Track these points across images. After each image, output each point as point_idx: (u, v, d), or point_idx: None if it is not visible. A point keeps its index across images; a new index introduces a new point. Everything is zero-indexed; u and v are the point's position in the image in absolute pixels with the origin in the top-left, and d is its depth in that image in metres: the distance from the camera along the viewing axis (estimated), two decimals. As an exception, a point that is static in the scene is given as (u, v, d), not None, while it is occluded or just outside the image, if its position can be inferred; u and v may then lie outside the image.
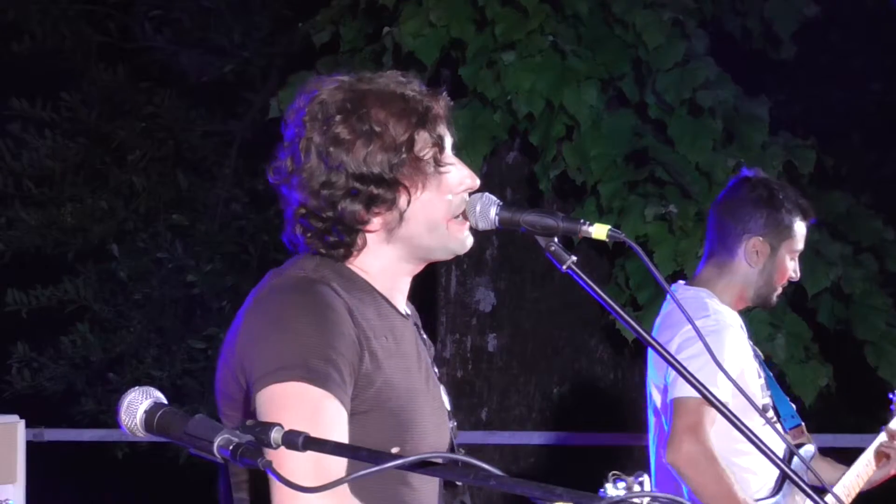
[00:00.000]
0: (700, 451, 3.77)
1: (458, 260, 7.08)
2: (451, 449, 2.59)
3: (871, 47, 8.54)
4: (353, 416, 2.39)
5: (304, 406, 2.32)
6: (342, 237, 2.50)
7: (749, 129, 6.48)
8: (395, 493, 2.46)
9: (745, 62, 7.06)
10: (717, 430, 3.85)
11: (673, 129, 6.38)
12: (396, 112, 2.50)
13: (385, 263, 2.54)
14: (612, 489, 1.81)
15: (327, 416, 2.33)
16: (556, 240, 2.42)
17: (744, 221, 4.06)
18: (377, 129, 2.48)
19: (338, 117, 2.48)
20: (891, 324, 6.54)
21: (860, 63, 8.80)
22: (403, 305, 2.60)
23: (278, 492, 2.29)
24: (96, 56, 9.87)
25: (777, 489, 4.01)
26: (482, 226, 2.52)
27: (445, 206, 2.52)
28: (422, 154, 2.50)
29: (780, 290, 4.11)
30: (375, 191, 2.48)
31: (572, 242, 5.54)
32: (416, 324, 2.64)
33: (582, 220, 2.41)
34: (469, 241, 2.56)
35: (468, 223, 2.53)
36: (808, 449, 4.17)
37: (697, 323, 3.82)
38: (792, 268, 4.10)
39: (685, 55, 6.38)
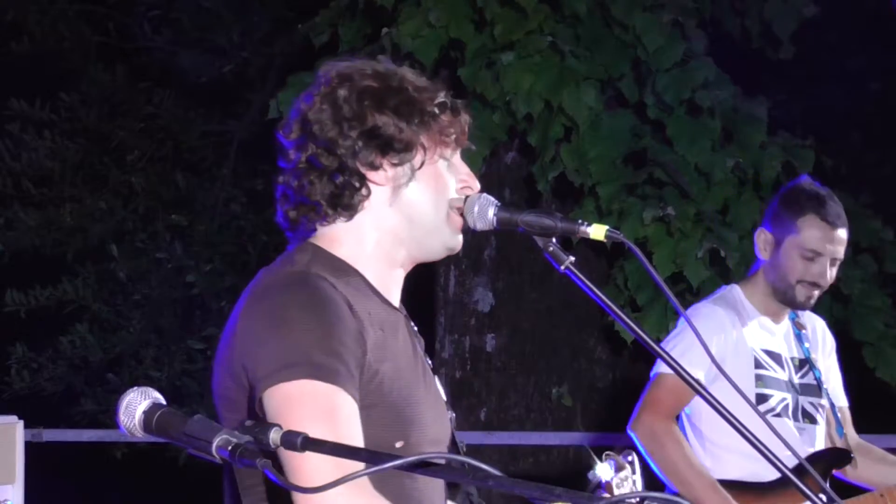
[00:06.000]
0: (659, 425, 3.95)
1: (456, 260, 7.07)
2: (452, 440, 2.57)
3: (870, 47, 8.53)
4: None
5: (316, 404, 2.28)
6: (351, 179, 2.47)
7: (748, 130, 6.48)
8: (399, 482, 2.43)
9: (743, 62, 7.05)
10: (720, 428, 3.92)
11: (672, 129, 6.38)
12: (426, 85, 2.54)
13: (380, 240, 2.51)
14: (601, 468, 1.84)
15: (342, 411, 2.29)
16: (554, 240, 2.43)
17: (763, 219, 4.25)
18: (407, 87, 2.51)
19: (368, 71, 2.51)
20: (889, 325, 6.53)
21: (859, 63, 8.79)
22: (397, 299, 2.57)
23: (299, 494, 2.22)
24: (95, 56, 9.88)
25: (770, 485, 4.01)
26: (480, 226, 2.52)
27: (449, 193, 2.53)
28: (447, 128, 2.52)
29: (802, 290, 4.11)
30: (398, 135, 2.47)
31: (571, 243, 5.53)
32: (406, 316, 2.60)
33: (580, 221, 2.41)
34: (461, 242, 2.56)
35: (462, 223, 2.53)
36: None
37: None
38: (803, 268, 4.08)
39: (684, 55, 6.38)
